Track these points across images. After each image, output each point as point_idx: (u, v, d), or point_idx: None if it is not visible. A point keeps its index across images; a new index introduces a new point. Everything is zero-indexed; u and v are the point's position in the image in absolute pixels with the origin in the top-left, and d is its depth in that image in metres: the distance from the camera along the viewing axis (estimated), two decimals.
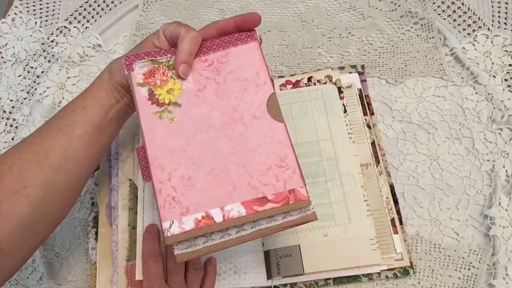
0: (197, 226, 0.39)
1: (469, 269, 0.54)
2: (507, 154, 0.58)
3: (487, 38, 0.64)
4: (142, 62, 0.44)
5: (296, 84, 0.62)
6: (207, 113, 0.43)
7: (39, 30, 0.69)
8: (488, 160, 0.59)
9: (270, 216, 0.41)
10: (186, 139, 0.42)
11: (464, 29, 0.66)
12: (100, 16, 0.70)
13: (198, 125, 0.43)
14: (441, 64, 0.64)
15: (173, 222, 0.39)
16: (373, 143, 0.58)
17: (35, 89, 0.65)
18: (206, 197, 0.40)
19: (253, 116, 0.43)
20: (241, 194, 0.40)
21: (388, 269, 0.53)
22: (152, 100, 0.43)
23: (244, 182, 0.41)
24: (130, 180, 0.54)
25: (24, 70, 0.67)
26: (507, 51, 0.63)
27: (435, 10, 0.67)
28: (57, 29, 0.69)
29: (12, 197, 0.41)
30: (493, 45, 0.64)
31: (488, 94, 0.61)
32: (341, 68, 0.64)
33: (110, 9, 0.70)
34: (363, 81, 0.62)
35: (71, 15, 0.70)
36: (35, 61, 0.67)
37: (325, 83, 0.62)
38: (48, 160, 0.43)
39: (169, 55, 0.45)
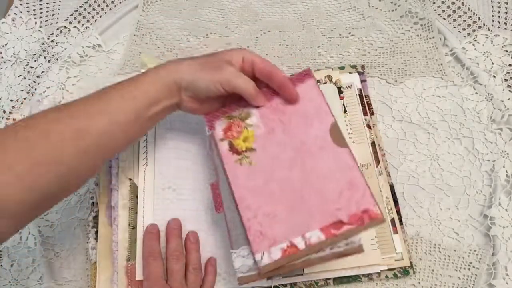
0: (284, 255, 0.43)
1: (469, 269, 0.54)
2: (507, 154, 0.58)
3: (487, 38, 0.64)
4: (221, 120, 0.50)
5: None
6: (279, 152, 0.48)
7: (39, 30, 0.69)
8: (488, 160, 0.59)
9: (333, 243, 0.43)
10: (265, 178, 0.47)
11: (464, 29, 0.66)
12: (100, 16, 0.70)
13: (273, 165, 0.47)
14: (441, 64, 0.64)
15: (263, 253, 0.43)
16: (373, 143, 0.58)
17: (35, 89, 0.65)
18: (288, 228, 0.44)
19: (319, 147, 0.47)
20: (319, 221, 0.43)
21: (388, 269, 0.53)
22: (232, 150, 0.49)
23: (319, 209, 0.44)
24: (130, 179, 0.54)
25: (24, 70, 0.67)
26: (507, 51, 0.63)
27: (435, 10, 0.67)
28: (57, 29, 0.69)
29: (41, 168, 0.40)
30: (493, 45, 0.64)
31: (488, 94, 0.61)
32: (341, 68, 0.64)
33: (110, 9, 0.70)
34: (363, 81, 0.62)
35: (71, 15, 0.70)
36: (35, 61, 0.67)
37: (325, 83, 0.62)
38: (85, 139, 0.42)
39: (241, 109, 0.50)
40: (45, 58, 0.67)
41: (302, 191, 0.45)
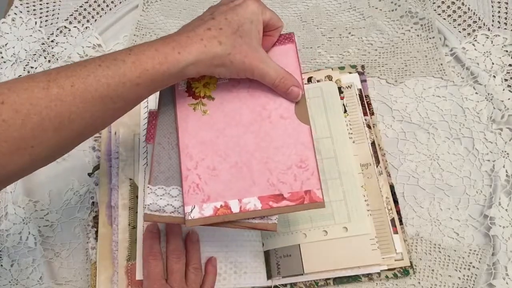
0: (215, 214, 0.43)
1: (469, 269, 0.54)
2: (507, 154, 0.58)
3: (487, 38, 0.64)
4: None
5: None
6: (238, 109, 0.46)
7: (39, 30, 0.69)
8: (488, 160, 0.59)
9: None
10: (216, 132, 0.45)
11: (464, 29, 0.66)
12: (100, 16, 0.70)
13: (228, 119, 0.45)
14: (441, 64, 0.64)
15: (194, 207, 0.43)
16: (373, 143, 0.58)
17: None
18: (226, 188, 0.43)
19: (280, 116, 0.45)
20: (259, 189, 0.43)
21: (388, 269, 0.53)
22: (189, 92, 0.46)
23: (263, 178, 0.44)
24: (130, 179, 0.54)
25: (24, 70, 0.67)
26: (507, 51, 0.63)
27: (435, 10, 0.67)
28: (57, 29, 0.69)
29: (14, 154, 0.35)
30: (493, 45, 0.64)
31: (488, 94, 0.61)
32: (341, 68, 0.64)
33: (110, 9, 0.70)
34: (363, 81, 0.62)
35: (71, 15, 0.70)
36: (35, 61, 0.67)
37: None
38: (71, 126, 0.37)
39: None
40: (45, 58, 0.67)
41: (250, 155, 0.44)
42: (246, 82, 0.46)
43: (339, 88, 0.61)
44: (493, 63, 0.63)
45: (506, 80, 0.62)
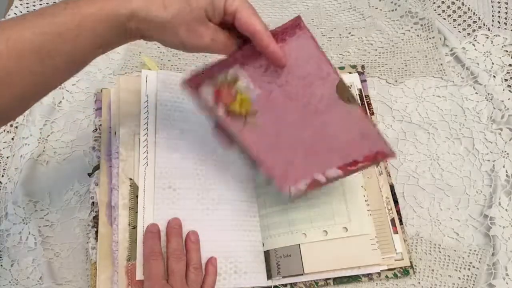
0: (309, 188, 0.49)
1: (469, 269, 0.54)
2: (507, 154, 0.58)
3: (487, 38, 0.64)
4: (205, 87, 0.44)
5: None
6: (283, 114, 0.46)
7: None
8: (488, 160, 0.59)
9: None
10: (275, 137, 0.47)
11: (464, 29, 0.66)
12: None
13: (280, 125, 0.47)
14: (441, 64, 0.64)
15: (290, 187, 0.49)
16: None
17: None
18: (308, 171, 0.49)
19: (326, 105, 0.45)
20: (336, 163, 0.48)
21: (388, 269, 0.53)
22: (230, 116, 0.46)
23: (336, 156, 0.48)
24: (130, 179, 0.54)
25: None
26: (507, 51, 0.63)
27: (435, 10, 0.67)
28: None
29: None
30: (493, 45, 0.64)
31: (488, 94, 0.61)
32: (341, 68, 0.64)
33: None
34: (363, 81, 0.62)
35: None
36: None
37: None
38: (12, 83, 0.36)
39: (223, 70, 0.43)
40: None
41: (315, 146, 0.47)
42: (277, 90, 0.44)
43: None
44: (493, 63, 0.63)
45: (506, 80, 0.62)
